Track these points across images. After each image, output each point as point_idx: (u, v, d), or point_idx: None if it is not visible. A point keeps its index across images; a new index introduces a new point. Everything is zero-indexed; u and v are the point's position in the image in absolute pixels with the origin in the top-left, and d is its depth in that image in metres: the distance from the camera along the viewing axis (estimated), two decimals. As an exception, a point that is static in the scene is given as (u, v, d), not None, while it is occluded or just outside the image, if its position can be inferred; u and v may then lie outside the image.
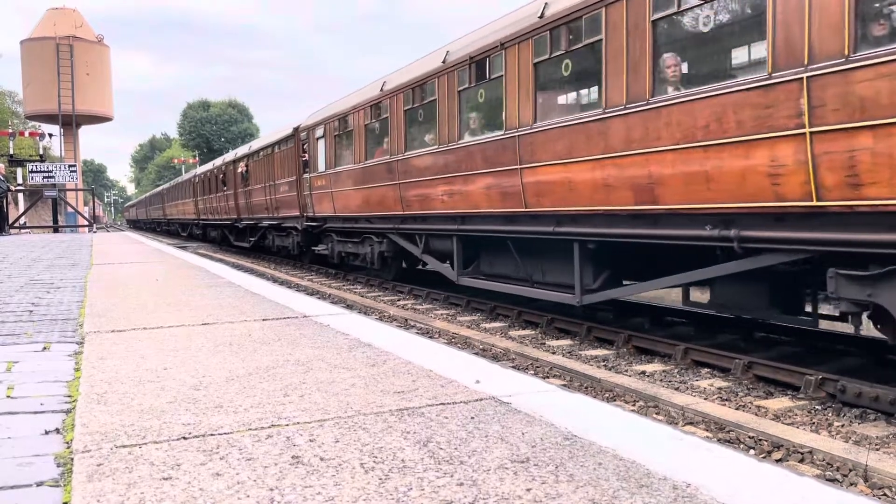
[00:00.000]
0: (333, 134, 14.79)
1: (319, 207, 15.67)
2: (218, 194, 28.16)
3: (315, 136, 15.94)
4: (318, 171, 15.57)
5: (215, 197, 28.72)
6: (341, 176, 14.15)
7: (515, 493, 1.71)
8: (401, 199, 11.50)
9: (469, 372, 3.01)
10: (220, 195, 27.69)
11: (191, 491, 1.75)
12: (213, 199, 29.39)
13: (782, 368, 6.00)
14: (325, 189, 15.10)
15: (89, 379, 2.93)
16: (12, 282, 7.13)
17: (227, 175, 26.42)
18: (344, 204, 14.17)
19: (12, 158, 31.85)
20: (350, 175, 13.62)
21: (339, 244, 15.35)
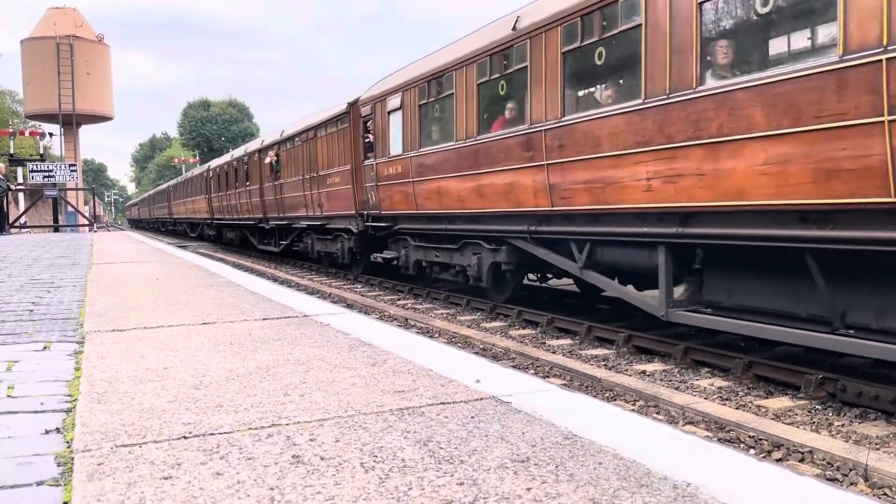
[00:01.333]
0: (417, 103, 11.12)
1: (390, 203, 12.24)
2: (238, 190, 24.53)
3: (385, 110, 12.31)
4: (390, 155, 12.07)
5: (234, 193, 25.16)
6: (430, 160, 10.71)
7: (515, 492, 1.71)
8: (548, 189, 8.01)
9: (469, 371, 3.01)
10: (242, 191, 24.02)
11: (191, 490, 1.75)
12: (230, 195, 25.86)
13: (782, 368, 6.00)
14: (402, 179, 11.62)
15: (89, 378, 2.93)
16: (13, 281, 7.13)
17: (250, 167, 22.88)
18: (433, 197, 10.71)
19: (13, 158, 31.85)
20: (447, 158, 10.18)
21: (419, 251, 11.89)
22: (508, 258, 9.45)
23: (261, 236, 23.25)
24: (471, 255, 10.25)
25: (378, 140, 12.67)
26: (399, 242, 12.66)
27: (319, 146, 16.01)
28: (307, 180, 16.88)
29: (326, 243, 16.54)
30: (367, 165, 13.21)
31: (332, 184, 15.16)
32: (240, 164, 24.41)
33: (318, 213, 16.23)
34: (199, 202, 33.01)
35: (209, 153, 68.23)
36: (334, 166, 15.04)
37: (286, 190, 18.79)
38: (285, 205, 18.99)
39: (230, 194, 25.98)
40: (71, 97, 49.19)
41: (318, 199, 16.12)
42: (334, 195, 15.08)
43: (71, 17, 51.88)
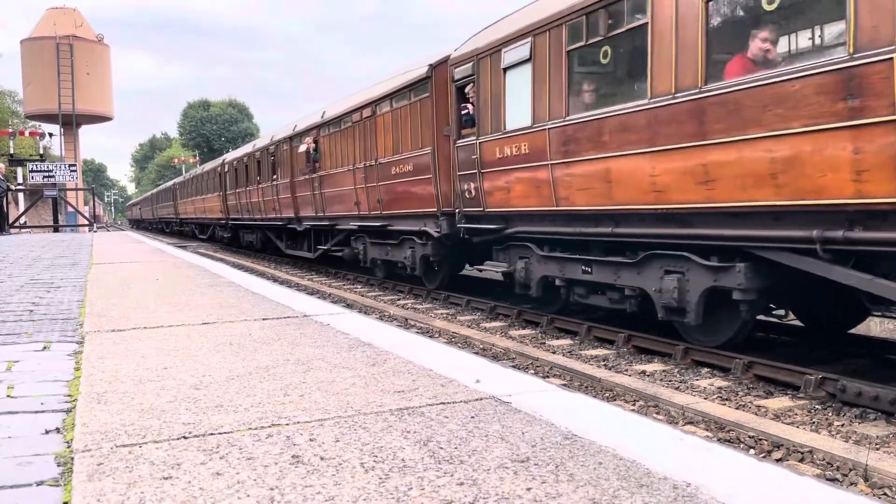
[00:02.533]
0: (564, 49, 7.63)
1: (501, 196, 9.01)
2: (261, 185, 21.06)
3: (499, 66, 8.85)
4: (505, 130, 8.79)
5: (256, 189, 21.67)
6: (587, 131, 7.31)
7: (515, 492, 1.71)
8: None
9: (469, 371, 3.01)
10: (266, 186, 20.46)
11: (191, 490, 1.75)
12: (251, 192, 22.38)
13: (782, 368, 6.00)
14: (527, 162, 8.34)
15: (89, 378, 2.93)
16: (12, 281, 7.13)
17: (277, 158, 19.38)
18: (591, 186, 7.32)
19: (12, 158, 31.84)
20: (629, 125, 6.73)
21: (548, 264, 8.53)
22: (755, 281, 6.00)
23: (289, 239, 19.90)
24: (660, 273, 6.74)
25: (484, 110, 9.21)
26: (512, 251, 9.33)
27: (380, 127, 12.63)
28: (360, 171, 13.48)
29: (387, 250, 13.11)
30: (461, 147, 9.79)
31: (400, 174, 11.84)
32: (264, 156, 20.92)
33: (376, 212, 12.92)
34: (211, 200, 29.65)
35: (209, 153, 68.23)
36: (404, 151, 11.67)
37: (328, 184, 15.40)
38: (326, 202, 15.58)
39: (250, 191, 22.53)
40: (71, 97, 49.18)
41: (377, 193, 12.73)
42: (403, 188, 11.81)
43: (71, 18, 51.87)
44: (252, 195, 22.42)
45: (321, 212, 16.21)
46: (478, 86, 9.46)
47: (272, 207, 20.14)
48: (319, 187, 16.03)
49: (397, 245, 12.76)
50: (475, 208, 9.68)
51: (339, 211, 15.03)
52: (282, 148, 19.04)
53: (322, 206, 16.06)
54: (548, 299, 9.14)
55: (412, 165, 11.45)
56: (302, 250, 18.81)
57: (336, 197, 15.10)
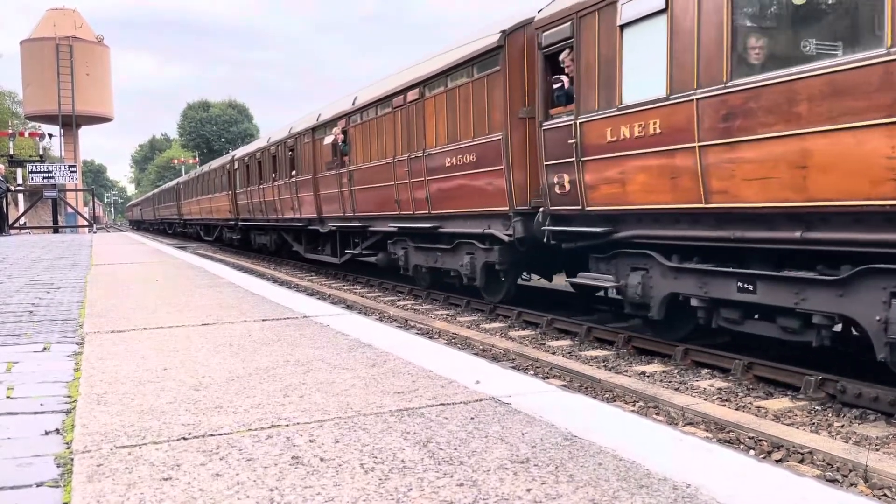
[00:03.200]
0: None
1: (608, 191, 7.16)
2: (277, 183, 19.21)
3: (609, 25, 7.02)
4: (621, 105, 6.89)
5: (271, 188, 19.88)
6: (766, 100, 5.44)
7: (515, 493, 1.71)
8: None
9: (469, 372, 3.01)
10: (283, 184, 18.62)
11: (191, 491, 1.75)
12: (265, 190, 20.61)
13: (782, 369, 6.00)
14: (656, 146, 6.48)
15: (89, 379, 2.93)
16: (12, 282, 7.12)
17: (297, 153, 17.49)
18: (772, 174, 5.44)
19: (12, 159, 31.84)
20: (843, 87, 4.88)
21: (680, 279, 6.66)
22: None
23: (310, 242, 18.07)
24: (884, 296, 4.91)
25: (587, 82, 7.29)
26: (621, 261, 7.33)
27: (430, 111, 10.65)
28: (401, 164, 11.59)
29: (436, 256, 11.14)
30: (550, 130, 7.92)
31: (457, 166, 9.91)
32: (281, 150, 19.00)
33: (423, 212, 11.01)
34: (219, 200, 27.67)
35: (209, 154, 68.23)
36: (464, 139, 9.72)
37: (360, 179, 13.51)
38: (357, 200, 13.70)
39: (264, 189, 20.65)
40: (70, 98, 49.19)
41: (425, 190, 10.85)
42: (461, 183, 9.92)
43: (70, 18, 51.88)
44: (266, 193, 20.53)
45: (350, 211, 14.17)
46: (577, 52, 7.47)
47: (290, 207, 18.21)
48: (349, 184, 14.02)
49: (450, 251, 10.70)
50: (569, 206, 7.69)
51: (374, 210, 13.08)
52: (302, 141, 16.97)
53: (352, 205, 14.04)
54: (672, 322, 7.17)
55: (475, 155, 9.50)
56: (325, 254, 16.72)
57: (370, 194, 13.16)
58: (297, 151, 17.61)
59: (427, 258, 11.58)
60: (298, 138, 17.32)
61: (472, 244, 10.09)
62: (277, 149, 19.42)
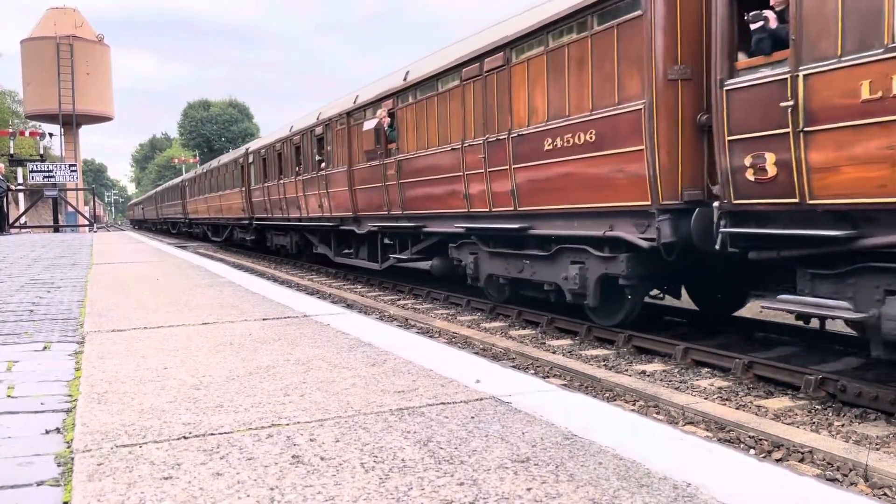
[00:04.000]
0: None
1: (856, 177, 4.96)
2: (301, 177, 17.06)
3: None
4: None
5: (293, 182, 17.70)
6: None
7: (516, 492, 1.71)
8: None
9: (469, 371, 3.01)
10: (309, 178, 16.41)
11: (191, 490, 1.75)
12: (286, 185, 18.44)
13: (782, 368, 6.01)
14: None
15: (89, 378, 2.93)
16: (13, 281, 7.13)
17: (327, 142, 15.23)
18: None
19: (13, 158, 31.85)
20: None
21: None
22: None
23: (341, 244, 15.86)
24: None
25: (820, 14, 5.16)
26: (860, 280, 5.17)
27: (518, 80, 8.53)
28: (474, 150, 9.47)
29: (523, 265, 8.92)
30: (740, 89, 5.80)
31: (563, 149, 7.79)
32: (306, 140, 16.68)
33: (507, 209, 8.97)
34: (231, 197, 25.54)
35: (209, 153, 68.22)
36: (576, 112, 7.56)
37: (412, 171, 11.43)
38: (407, 196, 11.64)
39: (285, 184, 18.50)
40: (71, 97, 49.19)
41: (510, 181, 8.76)
42: (567, 171, 7.78)
43: (71, 18, 51.88)
44: (287, 189, 18.26)
45: (398, 209, 12.02)
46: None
47: (317, 204, 15.99)
48: (396, 176, 11.88)
49: (546, 259, 8.46)
50: (773, 199, 5.61)
51: (431, 207, 10.94)
52: (334, 128, 14.69)
53: (400, 202, 11.90)
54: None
55: (594, 133, 7.28)
56: (361, 259, 14.48)
57: (426, 188, 11.04)
58: (327, 140, 15.24)
59: (508, 267, 9.26)
60: (329, 125, 14.97)
61: (584, 251, 7.77)
62: (302, 138, 16.97)
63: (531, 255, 8.82)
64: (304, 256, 19.61)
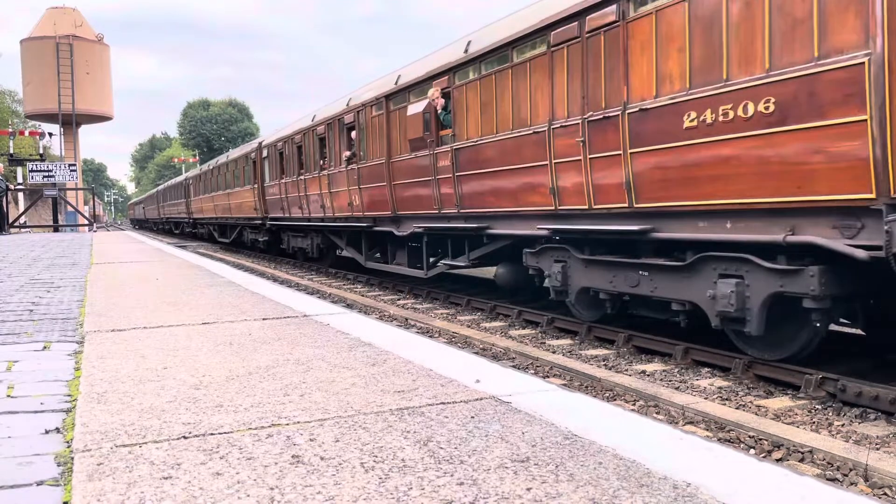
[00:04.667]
0: None
1: None
2: (326, 172, 14.99)
3: None
4: None
5: (315, 178, 15.67)
6: None
7: (515, 492, 1.71)
8: None
9: (469, 371, 3.01)
10: (336, 173, 14.38)
11: (191, 490, 1.75)
12: (306, 181, 16.41)
13: (782, 368, 6.00)
14: None
15: (89, 378, 2.93)
16: (12, 281, 7.13)
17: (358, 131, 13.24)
18: None
19: (12, 158, 31.88)
20: None
21: None
22: None
23: (372, 246, 14.19)
24: None
25: None
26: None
27: (640, 39, 6.69)
28: (568, 131, 7.62)
29: (639, 278, 7.02)
30: None
31: (713, 127, 5.93)
32: (332, 130, 14.71)
33: (617, 205, 7.07)
34: (240, 195, 23.62)
35: (209, 153, 68.24)
36: (738, 76, 5.75)
37: (474, 160, 9.45)
38: (466, 190, 9.72)
39: (306, 180, 16.47)
40: (71, 97, 49.22)
41: (623, 170, 6.86)
42: (726, 154, 5.85)
43: (70, 17, 51.89)
44: (309, 186, 16.31)
45: (453, 207, 10.05)
46: None
47: (346, 203, 14.05)
48: (452, 168, 9.90)
49: (680, 270, 6.51)
50: None
51: (498, 205, 9.07)
52: (368, 115, 12.68)
53: (456, 199, 9.93)
54: None
55: (770, 102, 5.40)
56: (399, 264, 12.66)
57: (492, 182, 9.13)
58: (359, 129, 13.15)
59: (614, 280, 7.34)
60: (362, 112, 12.91)
61: (743, 260, 5.89)
62: (327, 128, 14.96)
63: (652, 264, 6.84)
64: (326, 260, 17.66)
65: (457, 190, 9.91)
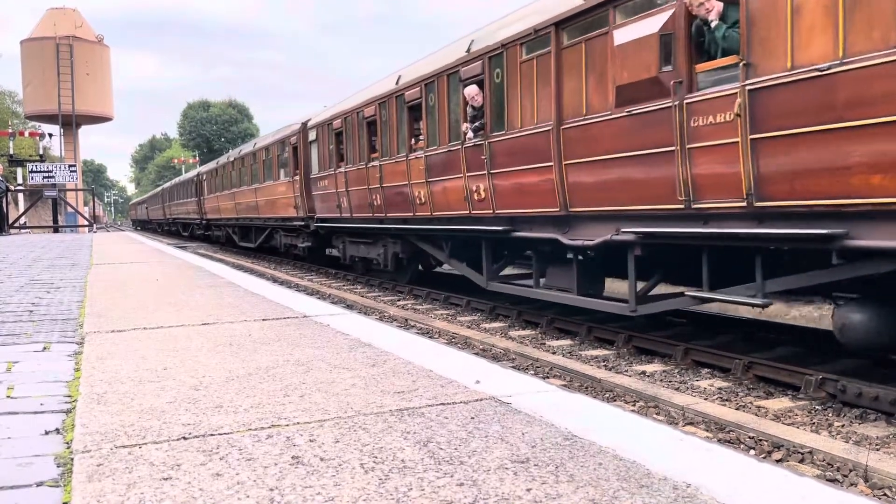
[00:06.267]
0: None
1: None
2: (418, 155, 10.84)
3: None
4: None
5: (401, 163, 11.44)
6: None
7: (515, 493, 1.71)
8: None
9: (469, 372, 3.01)
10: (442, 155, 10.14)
11: (191, 491, 1.75)
12: (382, 169, 12.20)
13: (782, 368, 6.00)
14: None
15: (89, 379, 2.93)
16: (12, 282, 7.12)
17: (493, 84, 8.83)
18: None
19: (12, 158, 31.86)
20: None
21: None
22: None
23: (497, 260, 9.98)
24: None
25: None
26: None
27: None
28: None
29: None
30: None
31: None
32: (437, 93, 10.26)
33: None
34: (272, 191, 19.65)
35: (209, 154, 68.21)
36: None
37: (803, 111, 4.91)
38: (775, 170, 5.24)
39: (383, 167, 12.18)
40: (71, 98, 49.19)
41: None
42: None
43: (70, 18, 51.86)
44: (388, 174, 12.05)
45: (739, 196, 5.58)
46: None
47: (460, 196, 9.73)
48: (748, 124, 5.37)
49: None
50: None
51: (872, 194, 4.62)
52: (511, 60, 8.49)
53: (748, 182, 5.44)
54: None
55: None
56: (564, 290, 8.27)
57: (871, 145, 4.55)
58: (491, 84, 8.86)
59: None
60: (499, 57, 8.68)
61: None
62: (424, 91, 10.56)
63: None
64: (405, 274, 13.29)
65: (751, 166, 5.41)
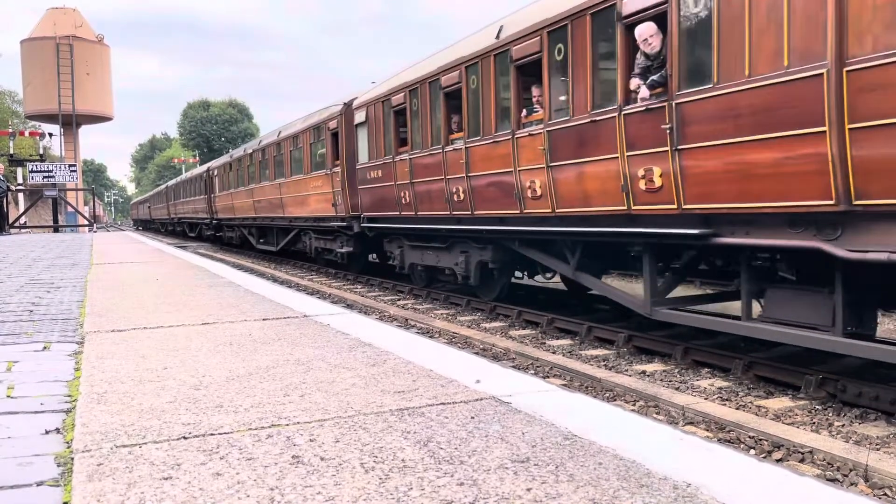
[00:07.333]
0: None
1: None
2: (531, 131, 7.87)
3: None
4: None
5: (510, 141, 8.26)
6: None
7: (515, 492, 1.71)
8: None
9: (469, 372, 3.01)
10: (583, 127, 6.92)
11: (191, 491, 1.75)
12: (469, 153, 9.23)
13: (782, 368, 6.00)
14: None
15: (89, 379, 2.93)
16: (12, 281, 7.12)
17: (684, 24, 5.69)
18: None
19: (12, 158, 31.88)
20: None
21: None
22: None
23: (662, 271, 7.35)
24: None
25: None
26: None
27: None
28: None
29: None
30: None
31: None
32: (570, 45, 7.12)
33: None
34: (302, 186, 16.89)
35: (209, 153, 68.22)
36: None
37: None
38: None
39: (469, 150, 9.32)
40: (71, 98, 49.21)
41: None
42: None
43: (71, 18, 51.88)
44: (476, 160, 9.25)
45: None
46: None
47: (608, 186, 6.87)
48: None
49: None
50: None
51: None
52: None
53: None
54: None
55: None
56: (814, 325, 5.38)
57: None
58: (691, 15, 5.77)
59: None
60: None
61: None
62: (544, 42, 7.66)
63: None
64: (492, 290, 10.41)
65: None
